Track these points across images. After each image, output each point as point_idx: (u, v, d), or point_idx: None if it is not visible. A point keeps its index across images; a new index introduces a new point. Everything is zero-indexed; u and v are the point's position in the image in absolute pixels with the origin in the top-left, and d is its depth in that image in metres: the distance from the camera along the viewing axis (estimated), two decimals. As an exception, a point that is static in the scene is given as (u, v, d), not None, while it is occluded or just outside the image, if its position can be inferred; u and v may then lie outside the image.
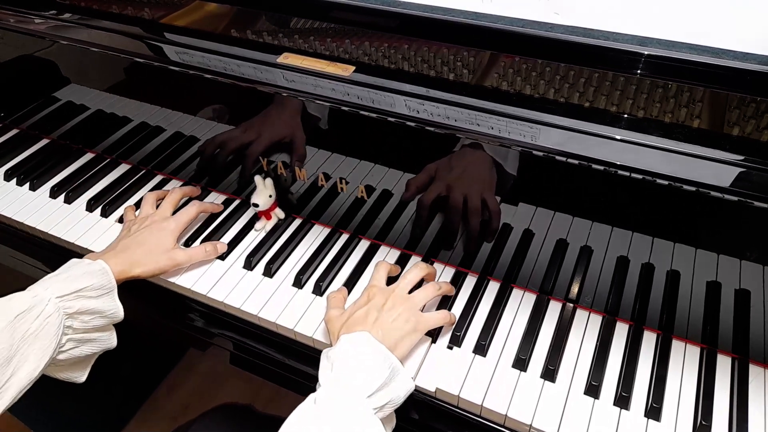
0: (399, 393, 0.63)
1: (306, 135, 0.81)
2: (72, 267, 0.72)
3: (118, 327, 0.76)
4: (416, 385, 0.70)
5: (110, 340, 0.75)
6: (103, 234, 0.90)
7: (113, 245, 0.81)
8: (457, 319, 0.75)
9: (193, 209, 0.87)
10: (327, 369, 0.63)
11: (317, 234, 0.90)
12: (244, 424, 0.84)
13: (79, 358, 0.72)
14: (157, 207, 0.89)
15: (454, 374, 0.70)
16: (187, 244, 0.88)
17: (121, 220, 0.92)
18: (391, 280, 0.78)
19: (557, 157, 0.64)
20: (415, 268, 0.76)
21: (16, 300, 0.65)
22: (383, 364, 0.63)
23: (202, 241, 0.88)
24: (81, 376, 0.75)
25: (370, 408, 0.59)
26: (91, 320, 0.70)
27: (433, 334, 0.75)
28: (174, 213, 0.88)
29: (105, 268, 0.73)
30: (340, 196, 0.86)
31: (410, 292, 0.74)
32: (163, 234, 0.82)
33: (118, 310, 0.73)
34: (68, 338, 0.68)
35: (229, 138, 0.89)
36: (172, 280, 0.82)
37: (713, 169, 0.59)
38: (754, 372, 0.70)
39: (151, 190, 0.98)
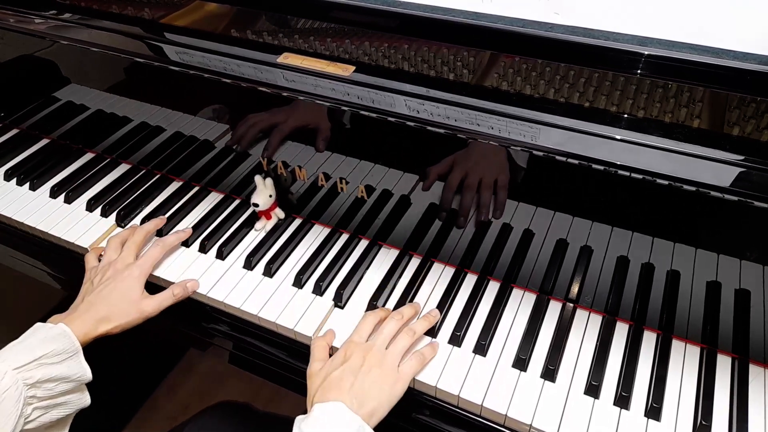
0: None
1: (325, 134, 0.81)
2: (32, 334, 0.69)
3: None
4: (416, 386, 0.70)
5: (82, 400, 0.71)
6: (103, 234, 0.90)
7: (76, 304, 0.77)
8: (434, 354, 0.72)
9: (156, 251, 0.82)
10: None
11: (317, 234, 0.90)
12: (243, 422, 0.83)
13: (52, 422, 0.68)
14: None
15: (454, 374, 0.70)
16: (187, 244, 0.88)
17: (121, 219, 0.92)
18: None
19: (557, 157, 0.64)
20: (391, 320, 0.72)
21: None
22: None
23: (202, 242, 0.87)
24: None
25: None
26: (56, 386, 0.66)
27: (433, 334, 0.75)
28: (139, 255, 0.83)
29: (65, 332, 0.69)
30: (340, 196, 0.86)
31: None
32: (127, 284, 0.77)
33: (84, 373, 0.69)
34: (33, 407, 0.65)
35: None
36: (172, 280, 0.82)
37: (713, 169, 0.59)
38: (754, 372, 0.70)
39: (150, 188, 0.98)
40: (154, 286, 0.85)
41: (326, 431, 0.60)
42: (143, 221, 0.91)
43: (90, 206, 0.95)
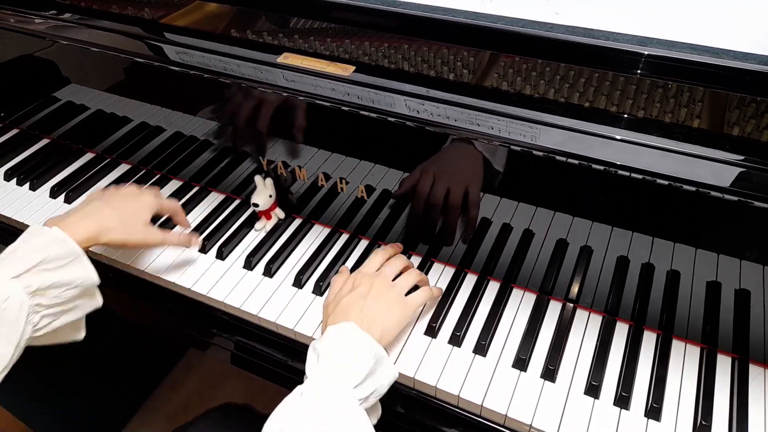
0: (383, 382, 0.63)
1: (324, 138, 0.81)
2: (26, 239, 0.66)
3: (118, 326, 0.76)
4: (416, 385, 0.70)
5: (93, 302, 0.69)
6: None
7: (80, 207, 0.74)
8: (441, 293, 0.77)
9: (174, 204, 0.84)
10: (313, 361, 0.63)
11: (317, 234, 0.90)
12: (244, 423, 0.83)
13: (66, 325, 0.67)
14: None
15: (454, 374, 0.70)
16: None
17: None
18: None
19: (557, 157, 0.64)
20: (398, 258, 0.77)
21: None
22: (368, 354, 0.62)
23: (202, 242, 0.87)
24: (78, 335, 0.70)
25: (356, 399, 0.59)
26: (63, 293, 0.64)
27: (434, 334, 0.75)
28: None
29: (61, 237, 0.66)
30: (340, 196, 0.86)
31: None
32: (139, 205, 0.77)
33: (89, 277, 0.66)
34: (41, 315, 0.63)
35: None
36: (171, 279, 0.82)
37: (713, 169, 0.59)
38: (754, 372, 0.70)
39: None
40: (154, 286, 0.85)
41: (341, 348, 0.63)
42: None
43: (90, 206, 0.95)
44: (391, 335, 0.68)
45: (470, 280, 0.82)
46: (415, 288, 0.75)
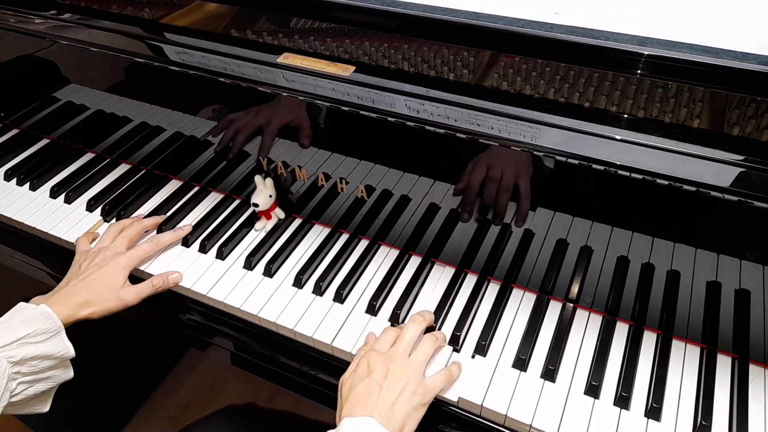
0: None
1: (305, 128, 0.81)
2: (15, 314, 0.71)
3: (118, 326, 0.76)
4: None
5: (65, 374, 0.73)
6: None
7: (61, 286, 0.79)
8: (461, 370, 0.70)
9: (148, 246, 0.84)
10: None
11: (317, 234, 0.90)
12: (248, 421, 0.83)
13: (36, 394, 0.71)
14: None
15: (454, 374, 0.70)
16: (187, 244, 0.88)
17: (121, 219, 0.92)
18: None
19: (557, 157, 0.64)
20: (411, 323, 0.71)
21: None
22: None
23: (202, 242, 0.87)
24: (43, 407, 0.74)
25: None
26: (40, 363, 0.69)
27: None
28: (131, 247, 0.84)
29: (47, 312, 0.71)
30: (340, 196, 0.86)
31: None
32: (112, 271, 0.79)
33: (67, 351, 0.71)
34: (18, 382, 0.67)
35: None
36: (172, 280, 0.82)
37: (713, 169, 0.59)
38: (754, 372, 0.70)
39: (150, 188, 0.98)
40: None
41: None
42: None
43: (90, 206, 0.95)
44: (412, 425, 0.63)
45: (470, 280, 0.82)
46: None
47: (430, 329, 0.74)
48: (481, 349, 0.73)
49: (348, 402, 0.63)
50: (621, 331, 0.75)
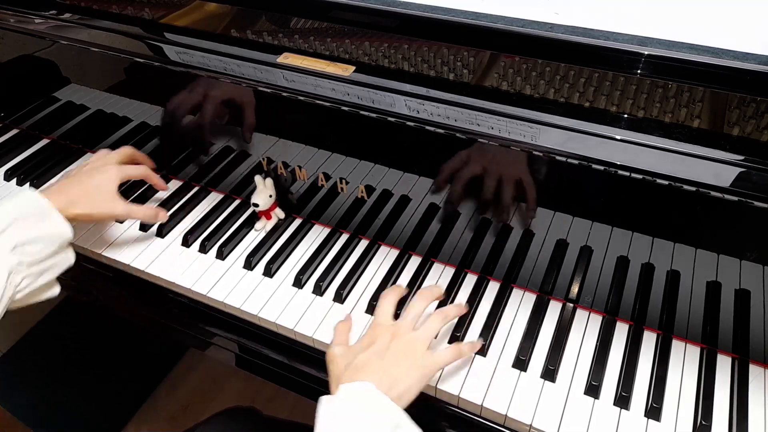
0: None
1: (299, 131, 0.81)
2: (1, 203, 0.70)
3: (119, 326, 0.76)
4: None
5: (68, 258, 0.73)
6: (103, 234, 0.90)
7: (54, 184, 0.80)
8: (473, 350, 0.70)
9: (140, 169, 0.87)
10: (326, 427, 0.57)
11: (317, 234, 0.90)
12: (249, 426, 0.83)
13: (41, 287, 0.70)
14: None
15: (454, 374, 0.70)
16: (187, 243, 0.88)
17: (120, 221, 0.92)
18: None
19: (557, 157, 0.64)
20: (419, 298, 0.70)
21: None
22: (386, 420, 0.58)
23: (202, 242, 0.87)
24: (53, 291, 0.73)
25: None
26: (41, 249, 0.68)
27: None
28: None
29: (30, 196, 0.70)
30: (340, 196, 0.86)
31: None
32: (103, 177, 0.81)
33: (64, 230, 0.71)
34: (22, 276, 0.67)
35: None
36: (171, 279, 0.82)
37: (713, 169, 0.59)
38: (754, 372, 0.70)
39: (150, 188, 0.98)
40: (153, 286, 0.85)
41: (356, 412, 0.58)
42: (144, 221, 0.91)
43: (90, 206, 0.95)
44: (411, 395, 0.62)
45: (470, 280, 0.82)
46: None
47: (443, 303, 0.74)
48: (481, 349, 0.73)
49: (348, 370, 0.62)
50: (621, 331, 0.75)
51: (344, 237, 0.89)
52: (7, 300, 0.64)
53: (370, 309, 0.78)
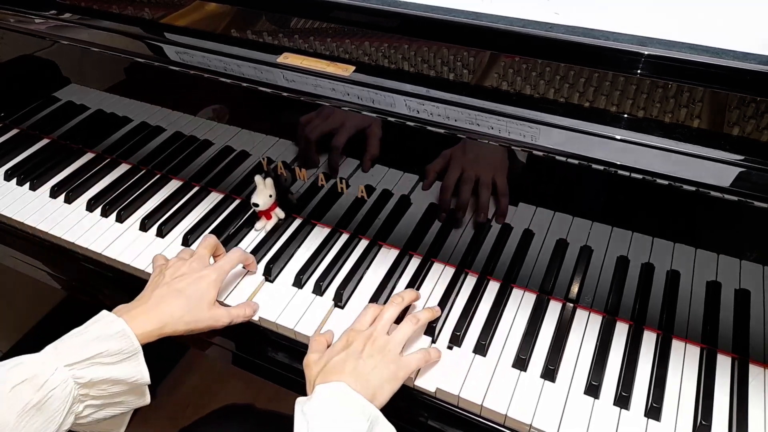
0: None
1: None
2: (91, 326, 0.65)
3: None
4: (416, 385, 0.70)
5: (140, 400, 0.67)
6: (103, 234, 0.90)
7: (144, 296, 0.72)
8: (439, 356, 0.71)
9: (235, 255, 0.78)
10: (303, 427, 0.58)
11: (317, 234, 0.90)
12: (247, 422, 0.83)
13: (106, 418, 0.65)
14: None
15: (454, 374, 0.70)
16: (187, 243, 0.88)
17: (120, 219, 0.92)
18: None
19: (557, 157, 0.64)
20: (391, 304, 0.72)
21: (18, 368, 0.58)
22: (361, 417, 0.59)
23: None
24: (119, 429, 0.69)
25: None
26: (110, 388, 0.62)
27: (433, 335, 0.75)
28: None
29: (124, 331, 0.64)
30: (340, 196, 0.86)
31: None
32: (204, 283, 0.72)
33: (142, 376, 0.65)
34: (85, 405, 0.61)
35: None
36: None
37: (713, 169, 0.59)
38: (754, 372, 0.70)
39: (150, 188, 0.98)
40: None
41: (331, 411, 0.59)
42: (144, 221, 0.91)
43: (90, 206, 0.95)
44: (384, 397, 0.64)
45: (470, 280, 0.82)
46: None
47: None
48: (481, 348, 0.73)
49: (322, 373, 0.64)
50: (621, 331, 0.75)
51: (344, 237, 0.89)
52: (66, 426, 0.60)
53: (370, 309, 0.78)
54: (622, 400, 0.67)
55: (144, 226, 0.91)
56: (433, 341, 0.74)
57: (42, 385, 0.57)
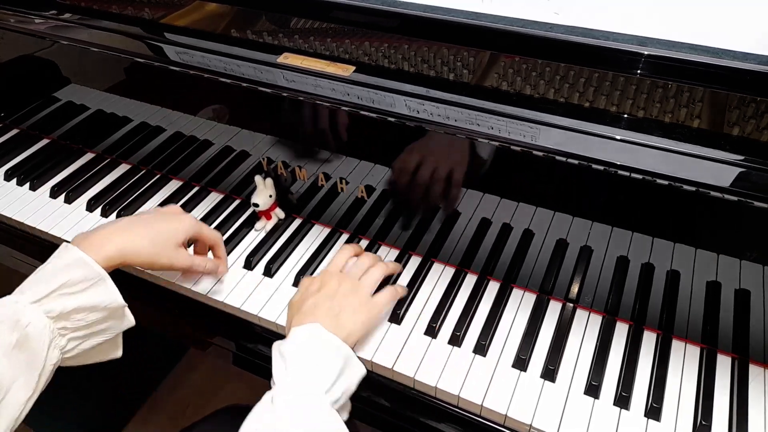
0: (353, 380, 0.64)
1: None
2: (50, 261, 0.64)
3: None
4: (416, 385, 0.70)
5: (123, 323, 0.66)
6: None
7: (116, 220, 0.72)
8: (405, 291, 0.77)
9: (214, 235, 0.80)
10: (281, 366, 0.62)
11: (317, 234, 0.90)
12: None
13: (95, 346, 0.65)
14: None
15: (454, 374, 0.70)
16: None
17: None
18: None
19: (557, 157, 0.64)
20: (366, 256, 0.78)
21: None
22: (336, 355, 0.63)
23: (202, 241, 0.87)
24: (115, 353, 0.69)
25: (328, 403, 0.60)
26: (87, 316, 0.62)
27: (434, 334, 0.75)
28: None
29: (82, 258, 0.63)
30: (340, 196, 0.86)
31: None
32: (177, 226, 0.73)
33: (114, 300, 0.63)
34: (68, 338, 0.61)
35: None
36: (171, 279, 0.82)
37: (713, 169, 0.59)
38: (754, 372, 0.70)
39: (150, 188, 0.98)
40: (153, 286, 0.84)
41: (309, 352, 0.63)
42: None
43: (90, 206, 0.95)
44: (356, 336, 0.69)
45: (470, 280, 0.82)
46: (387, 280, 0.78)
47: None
48: (481, 348, 0.73)
49: (298, 314, 0.68)
50: (621, 331, 0.75)
51: (344, 237, 0.89)
52: (51, 366, 0.60)
53: (370, 309, 0.78)
54: (622, 400, 0.67)
55: (144, 226, 0.91)
56: (433, 339, 0.74)
57: (15, 324, 0.57)
